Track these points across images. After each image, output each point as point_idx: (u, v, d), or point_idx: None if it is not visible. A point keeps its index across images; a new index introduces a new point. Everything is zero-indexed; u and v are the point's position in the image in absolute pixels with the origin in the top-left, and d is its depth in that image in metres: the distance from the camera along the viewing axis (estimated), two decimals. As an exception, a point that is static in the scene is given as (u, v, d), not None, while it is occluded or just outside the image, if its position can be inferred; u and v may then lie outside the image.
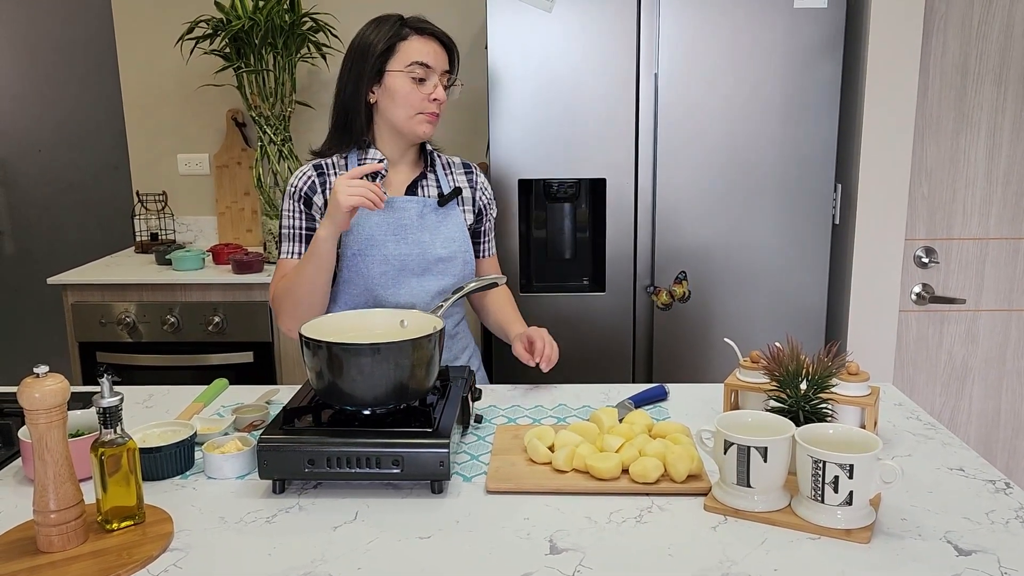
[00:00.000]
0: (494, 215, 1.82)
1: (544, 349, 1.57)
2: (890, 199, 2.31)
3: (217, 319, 2.60)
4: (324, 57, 2.84)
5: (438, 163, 1.74)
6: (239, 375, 2.60)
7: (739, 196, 2.29)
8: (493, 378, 2.33)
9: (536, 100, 2.26)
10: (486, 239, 1.81)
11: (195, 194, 3.22)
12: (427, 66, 1.59)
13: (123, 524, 1.07)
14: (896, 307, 2.36)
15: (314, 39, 2.76)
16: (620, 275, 2.34)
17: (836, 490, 1.03)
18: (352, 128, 1.64)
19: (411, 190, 1.68)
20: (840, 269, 2.43)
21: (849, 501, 1.03)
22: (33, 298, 3.80)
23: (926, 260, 2.40)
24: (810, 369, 1.21)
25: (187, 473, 1.26)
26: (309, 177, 1.64)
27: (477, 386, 1.50)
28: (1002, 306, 2.42)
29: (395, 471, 1.15)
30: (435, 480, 1.16)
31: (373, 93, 1.62)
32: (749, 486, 1.08)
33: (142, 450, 1.19)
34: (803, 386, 1.21)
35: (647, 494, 1.16)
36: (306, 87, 3.05)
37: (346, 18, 3.01)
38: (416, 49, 1.60)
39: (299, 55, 2.74)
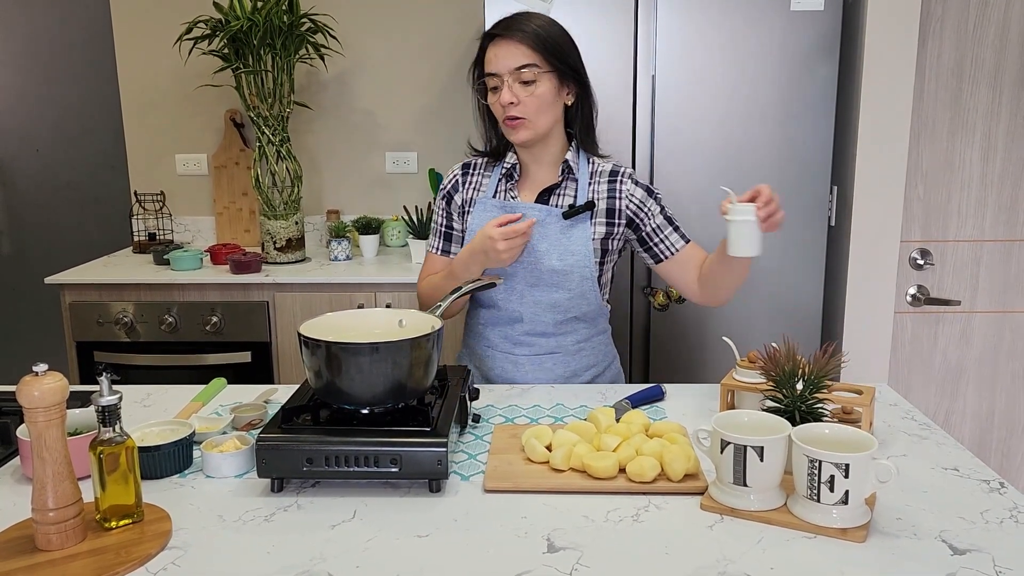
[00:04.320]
0: (656, 211, 1.66)
1: (770, 201, 1.37)
2: (886, 201, 2.32)
3: (215, 319, 2.60)
4: (323, 58, 2.84)
5: (584, 171, 1.65)
6: (237, 375, 2.60)
7: (736, 198, 2.30)
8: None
9: (534, 101, 2.26)
10: (662, 235, 1.67)
11: (193, 194, 3.22)
12: (492, 74, 1.58)
13: (121, 522, 1.07)
14: (891, 308, 2.37)
15: (312, 40, 2.76)
16: (617, 276, 2.34)
17: (832, 489, 1.04)
18: (489, 137, 1.71)
19: (544, 198, 1.65)
20: (836, 270, 2.44)
21: (845, 500, 1.04)
22: (30, 298, 3.80)
23: (921, 262, 2.41)
24: (806, 369, 1.22)
25: (185, 472, 1.26)
26: (455, 176, 1.74)
27: (475, 386, 1.51)
28: (996, 308, 2.43)
29: (393, 470, 1.15)
30: (433, 479, 1.17)
31: None
32: (745, 485, 1.09)
33: (141, 449, 1.19)
34: (799, 386, 1.21)
35: (644, 493, 1.17)
36: (304, 88, 3.05)
37: (344, 19, 3.01)
38: (487, 59, 1.59)
39: (297, 56, 2.74)
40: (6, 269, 3.83)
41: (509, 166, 1.67)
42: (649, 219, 1.67)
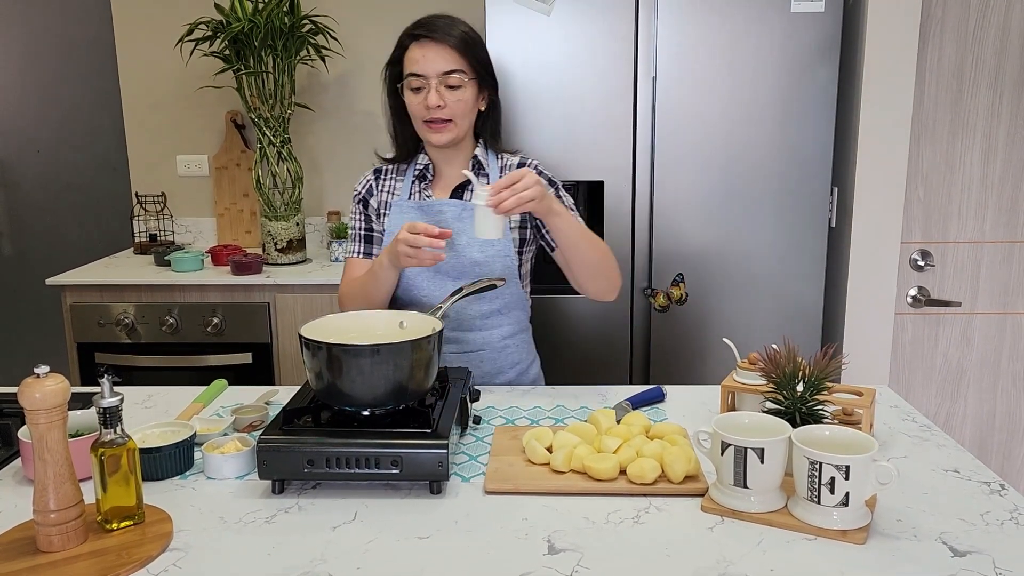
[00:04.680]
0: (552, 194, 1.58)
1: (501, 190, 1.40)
2: (886, 202, 2.32)
3: (216, 320, 2.60)
4: (323, 59, 2.84)
5: (493, 166, 1.69)
6: (238, 376, 2.60)
7: (736, 199, 2.30)
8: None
9: (534, 103, 2.26)
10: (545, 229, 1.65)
11: (194, 195, 3.22)
12: (417, 75, 1.57)
13: (123, 524, 1.08)
14: (892, 310, 2.37)
15: (313, 41, 2.77)
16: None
17: (832, 491, 1.04)
18: (399, 138, 1.71)
19: (458, 193, 1.68)
20: (836, 272, 2.44)
21: (845, 502, 1.04)
22: (32, 299, 3.80)
23: (922, 263, 2.41)
24: (807, 371, 1.22)
25: (187, 473, 1.26)
26: (368, 181, 1.74)
27: (475, 387, 1.51)
28: (997, 309, 2.43)
29: (394, 472, 1.15)
30: (434, 480, 1.17)
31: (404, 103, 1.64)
32: (746, 487, 1.09)
33: (142, 450, 1.20)
34: (800, 388, 1.21)
35: (645, 495, 1.17)
36: (305, 89, 3.05)
37: (345, 21, 3.01)
38: (410, 59, 1.59)
39: (298, 57, 2.75)
40: (7, 270, 3.84)
41: (422, 167, 1.69)
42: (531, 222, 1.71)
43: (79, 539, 1.04)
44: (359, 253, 1.74)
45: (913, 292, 2.42)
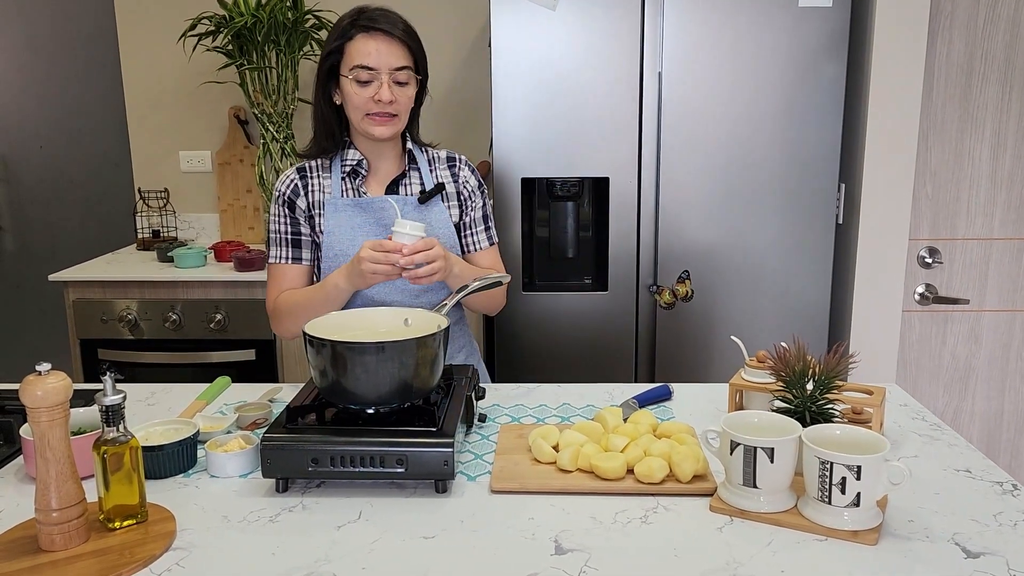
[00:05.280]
0: (479, 205, 1.71)
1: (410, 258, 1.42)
2: (894, 199, 2.30)
3: (219, 316, 2.59)
4: (327, 54, 2.83)
5: (422, 159, 1.68)
6: (241, 373, 2.59)
7: (742, 195, 2.29)
8: (495, 377, 2.32)
9: (539, 98, 2.25)
10: (473, 230, 1.71)
11: (197, 191, 3.21)
12: (368, 68, 1.54)
13: (125, 523, 1.07)
14: (899, 307, 2.36)
15: (317, 36, 2.75)
16: (623, 274, 2.34)
17: (843, 491, 1.03)
18: (327, 130, 1.64)
19: (393, 189, 1.65)
20: (843, 269, 2.42)
21: (856, 502, 1.03)
22: (34, 295, 3.79)
23: (930, 260, 2.39)
24: (817, 369, 1.20)
25: (190, 472, 1.25)
26: (292, 181, 1.65)
27: (481, 385, 1.49)
28: (1005, 306, 2.41)
29: (399, 470, 1.14)
30: (439, 479, 1.16)
31: (337, 95, 1.60)
32: (755, 487, 1.08)
33: (144, 448, 1.19)
34: (809, 386, 1.20)
35: (652, 494, 1.15)
36: (309, 84, 3.01)
37: (349, 15, 3.00)
38: (358, 50, 1.55)
39: (302, 52, 2.73)
40: (10, 266, 3.83)
41: (354, 163, 1.64)
42: (472, 210, 1.71)
43: (81, 538, 1.03)
44: (287, 259, 1.64)
45: (921, 289, 2.41)
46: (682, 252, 2.32)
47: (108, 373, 1.05)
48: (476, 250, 1.73)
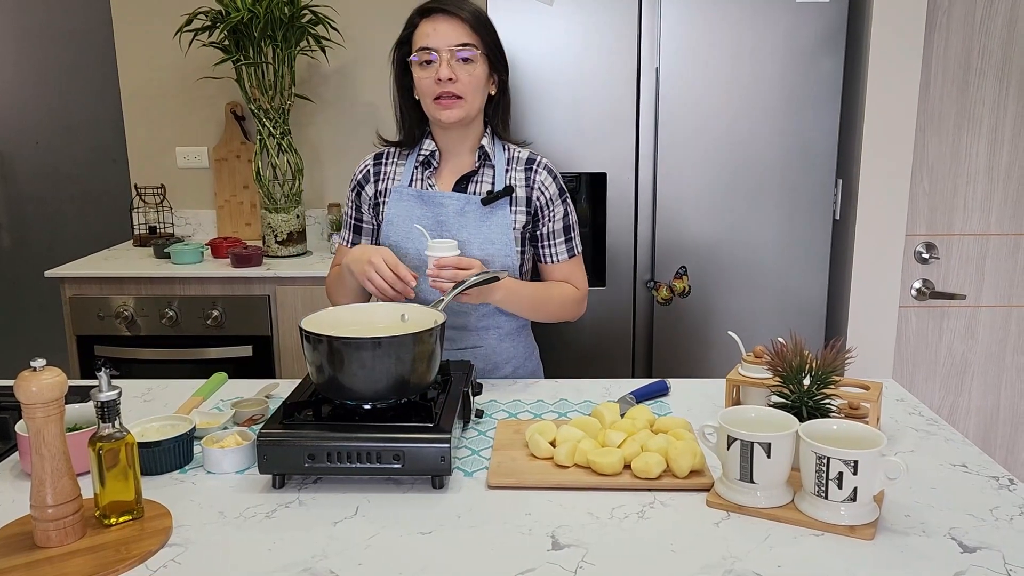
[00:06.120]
0: (559, 215, 1.64)
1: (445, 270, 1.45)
2: (891, 194, 2.30)
3: (216, 313, 2.59)
4: (323, 50, 2.82)
5: (500, 158, 1.63)
6: (238, 369, 2.59)
7: (740, 191, 2.28)
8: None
9: (537, 94, 2.24)
10: (552, 242, 1.66)
11: (194, 187, 3.21)
12: (428, 48, 1.53)
13: (121, 519, 1.06)
14: (896, 302, 2.36)
15: (313, 32, 2.75)
16: (620, 270, 2.34)
17: (840, 486, 1.03)
18: (405, 122, 1.66)
19: (461, 185, 1.63)
20: (840, 264, 2.42)
21: (853, 497, 1.03)
22: (30, 291, 3.79)
23: (926, 255, 2.39)
24: (813, 364, 1.20)
25: (186, 468, 1.25)
26: (366, 167, 1.70)
27: (477, 380, 1.49)
28: (1002, 302, 2.41)
29: (396, 466, 1.14)
30: (436, 475, 1.15)
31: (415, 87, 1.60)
32: (752, 482, 1.08)
33: (140, 444, 1.18)
34: (806, 381, 1.20)
35: (649, 489, 1.15)
36: (305, 80, 3.03)
37: (346, 11, 2.99)
38: (421, 34, 1.55)
39: (298, 48, 2.72)
40: (6, 263, 3.82)
41: (427, 153, 1.64)
42: (550, 220, 1.66)
43: (77, 534, 1.02)
44: (348, 242, 1.72)
45: (917, 285, 2.41)
46: (679, 248, 2.32)
47: (103, 369, 1.04)
48: (554, 262, 1.68)
